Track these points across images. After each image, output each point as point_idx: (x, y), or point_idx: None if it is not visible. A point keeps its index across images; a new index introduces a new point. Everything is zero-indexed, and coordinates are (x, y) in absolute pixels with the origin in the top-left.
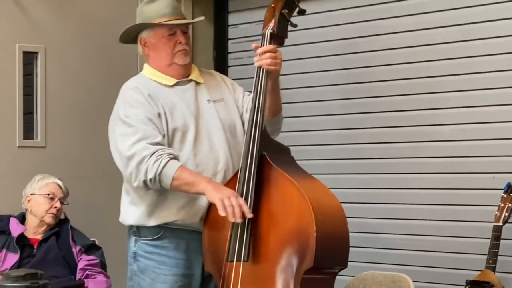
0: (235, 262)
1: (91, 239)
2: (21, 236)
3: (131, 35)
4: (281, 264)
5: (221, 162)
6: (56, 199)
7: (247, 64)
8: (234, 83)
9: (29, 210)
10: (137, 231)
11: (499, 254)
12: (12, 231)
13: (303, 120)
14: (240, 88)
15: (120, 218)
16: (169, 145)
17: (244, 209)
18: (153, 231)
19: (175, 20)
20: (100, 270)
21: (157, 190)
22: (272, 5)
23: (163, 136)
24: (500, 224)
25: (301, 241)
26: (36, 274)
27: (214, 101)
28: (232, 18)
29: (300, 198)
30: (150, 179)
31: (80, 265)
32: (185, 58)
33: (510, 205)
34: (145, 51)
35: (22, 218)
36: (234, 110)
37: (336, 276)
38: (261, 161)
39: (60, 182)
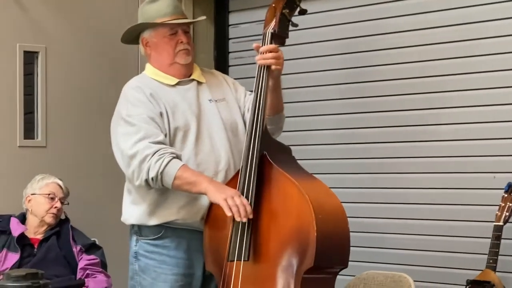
0: (235, 262)
1: (92, 239)
2: (22, 236)
3: (132, 35)
4: (282, 263)
5: (222, 161)
6: (56, 199)
7: (248, 64)
8: (236, 82)
9: (30, 210)
10: (138, 230)
11: (500, 253)
12: (13, 230)
13: (304, 119)
14: (242, 87)
15: (122, 218)
16: (171, 145)
17: (247, 208)
18: (154, 230)
19: (176, 19)
20: (101, 269)
21: (158, 190)
22: (273, 5)
23: (165, 135)
24: (501, 223)
25: (301, 240)
26: (36, 273)
27: (216, 100)
28: (233, 18)
29: (301, 197)
30: (152, 178)
31: (81, 264)
32: (187, 57)
33: (511, 204)
34: (147, 51)
35: (22, 218)
36: (235, 110)
37: (336, 275)
38: (262, 160)
39: (60, 182)
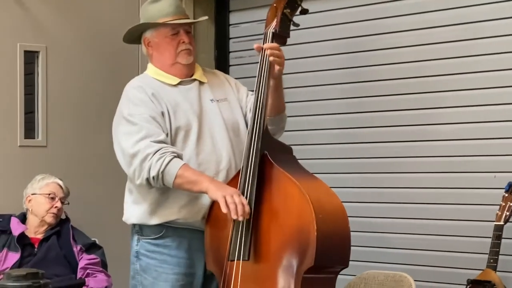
0: (235, 261)
1: (92, 239)
2: (22, 235)
3: (134, 34)
4: (282, 263)
5: (223, 161)
6: (56, 199)
7: (248, 63)
8: (238, 82)
9: (30, 210)
10: (139, 230)
11: (500, 253)
12: (13, 230)
13: (305, 119)
14: (244, 88)
15: (123, 218)
16: (172, 144)
17: (245, 208)
18: (155, 230)
19: (178, 19)
20: (101, 269)
21: (159, 189)
22: (275, 5)
23: (166, 135)
24: (501, 223)
25: (301, 240)
26: (37, 273)
27: (218, 100)
28: (233, 17)
29: (301, 197)
30: (153, 177)
31: (81, 264)
32: (188, 57)
33: (511, 204)
34: (149, 50)
35: (23, 218)
36: (237, 110)
37: (337, 275)
38: (263, 160)
39: (60, 182)
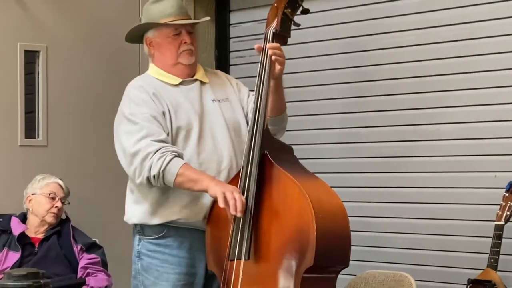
0: (235, 261)
1: (93, 239)
2: (22, 235)
3: (136, 34)
4: (282, 262)
5: (224, 161)
6: (57, 198)
7: (249, 63)
8: (239, 83)
9: (30, 210)
10: (141, 230)
11: (501, 253)
12: (14, 230)
13: (306, 118)
14: (245, 88)
15: (125, 217)
16: (173, 144)
17: (244, 206)
18: (156, 229)
19: (180, 20)
20: (101, 268)
21: (160, 189)
22: (275, 5)
23: (167, 135)
24: (502, 223)
25: (301, 239)
26: (37, 273)
27: (219, 100)
28: (234, 17)
29: (301, 196)
30: (154, 176)
31: (81, 263)
32: (190, 58)
33: None
34: (151, 50)
35: (23, 218)
36: (238, 110)
37: (338, 275)
38: (263, 160)
39: (61, 182)
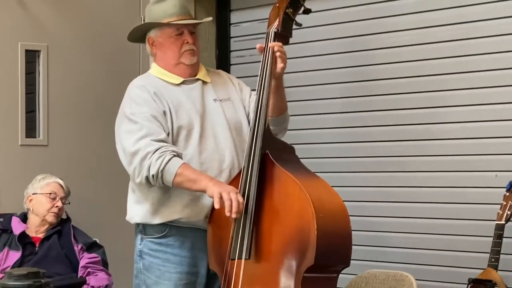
0: (236, 260)
1: (93, 239)
2: (23, 234)
3: (139, 34)
4: (283, 262)
5: (226, 160)
6: (57, 198)
7: (250, 63)
8: (241, 82)
9: (31, 209)
10: (143, 229)
11: (502, 252)
12: (14, 229)
13: (307, 118)
14: (247, 88)
15: (126, 217)
16: (174, 143)
17: (240, 207)
18: (158, 229)
19: (182, 20)
20: (102, 267)
21: (162, 188)
22: (277, 5)
23: (168, 134)
24: (503, 222)
25: (302, 239)
26: (38, 272)
27: (221, 100)
28: (234, 16)
29: (302, 196)
30: (153, 175)
31: (82, 262)
32: (192, 58)
33: None
34: (153, 50)
35: (23, 218)
36: (240, 110)
37: (338, 274)
38: (264, 159)
39: (61, 182)
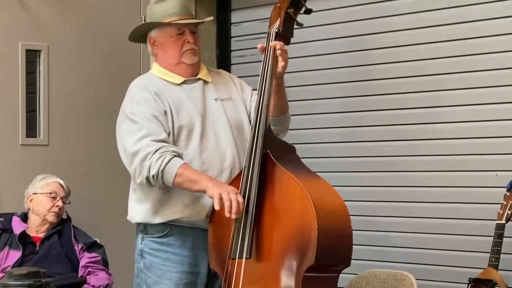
0: (237, 259)
1: (93, 238)
2: (24, 234)
3: (140, 34)
4: (283, 261)
5: (227, 160)
6: (58, 198)
7: (250, 62)
8: (242, 82)
9: (32, 209)
10: (144, 228)
11: (502, 252)
12: (15, 229)
13: (307, 118)
14: (249, 87)
15: (127, 216)
16: (175, 143)
17: (240, 207)
18: (159, 228)
19: (183, 19)
20: (102, 267)
21: (162, 188)
22: (278, 5)
23: (169, 134)
24: (503, 222)
25: (303, 238)
26: (38, 272)
27: (222, 99)
28: (235, 16)
29: (302, 195)
30: (153, 176)
31: (82, 262)
32: (193, 57)
33: None
34: (154, 49)
35: (24, 217)
36: (241, 109)
37: (339, 274)
38: (265, 159)
39: (61, 182)
